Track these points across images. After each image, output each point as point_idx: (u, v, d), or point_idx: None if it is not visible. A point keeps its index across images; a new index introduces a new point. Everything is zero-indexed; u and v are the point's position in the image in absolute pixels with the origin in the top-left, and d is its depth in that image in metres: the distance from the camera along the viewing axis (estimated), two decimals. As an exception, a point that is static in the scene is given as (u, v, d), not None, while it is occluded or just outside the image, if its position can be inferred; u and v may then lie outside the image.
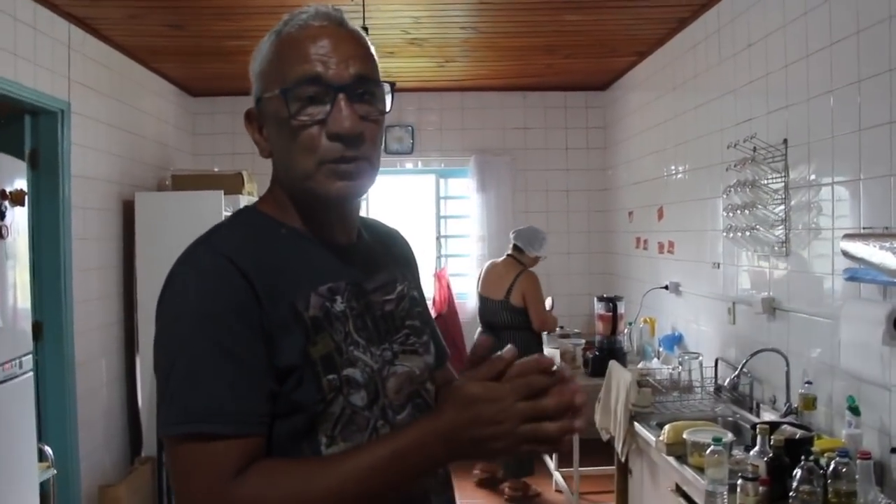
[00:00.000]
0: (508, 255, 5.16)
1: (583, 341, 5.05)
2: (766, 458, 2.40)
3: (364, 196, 1.19)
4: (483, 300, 5.16)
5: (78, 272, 4.08)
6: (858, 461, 2.21)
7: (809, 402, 2.97)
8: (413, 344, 1.25)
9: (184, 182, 4.97)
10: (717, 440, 2.56)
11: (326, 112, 1.10)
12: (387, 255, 1.33)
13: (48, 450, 3.57)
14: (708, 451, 2.56)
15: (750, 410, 3.44)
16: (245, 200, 5.13)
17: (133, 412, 4.82)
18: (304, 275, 1.13)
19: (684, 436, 2.89)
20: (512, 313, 4.97)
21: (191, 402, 1.00)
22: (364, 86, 1.13)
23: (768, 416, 3.26)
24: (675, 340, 4.60)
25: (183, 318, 1.04)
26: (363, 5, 3.76)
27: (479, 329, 5.18)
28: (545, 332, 5.14)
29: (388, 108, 1.17)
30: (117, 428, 4.67)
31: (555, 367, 1.02)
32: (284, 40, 1.14)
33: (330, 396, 1.08)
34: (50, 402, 3.89)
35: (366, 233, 1.30)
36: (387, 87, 1.17)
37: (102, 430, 4.43)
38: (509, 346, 1.03)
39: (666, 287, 4.73)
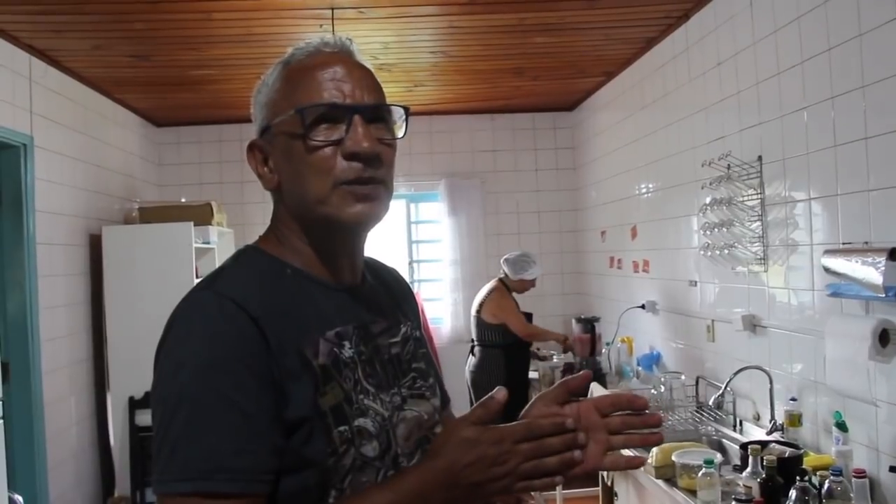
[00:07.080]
0: (499, 277, 5.19)
1: (561, 363, 5.03)
2: (759, 479, 2.38)
3: (379, 223, 1.14)
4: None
5: (45, 310, 3.97)
6: (854, 479, 2.20)
7: (795, 419, 2.96)
8: (420, 388, 1.20)
9: (151, 214, 4.89)
10: (708, 462, 2.53)
11: (342, 133, 1.06)
12: (389, 295, 1.28)
13: (18, 498, 3.40)
14: (700, 474, 2.53)
15: (733, 428, 3.42)
16: (215, 231, 5.04)
17: (105, 451, 4.69)
18: (311, 319, 1.07)
19: (673, 458, 2.85)
20: (483, 329, 5.01)
21: (191, 457, 0.93)
22: (378, 111, 1.10)
23: (752, 433, 3.25)
24: (653, 359, 4.59)
25: (185, 367, 0.96)
26: (332, 32, 3.73)
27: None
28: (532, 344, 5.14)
29: (402, 134, 1.14)
30: (88, 468, 4.55)
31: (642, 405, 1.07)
32: (295, 68, 1.11)
33: (342, 449, 1.02)
34: (18, 445, 3.74)
35: (368, 273, 1.25)
36: (401, 112, 1.14)
37: (73, 471, 4.30)
38: (499, 387, 1.00)
39: (642, 306, 4.72)
